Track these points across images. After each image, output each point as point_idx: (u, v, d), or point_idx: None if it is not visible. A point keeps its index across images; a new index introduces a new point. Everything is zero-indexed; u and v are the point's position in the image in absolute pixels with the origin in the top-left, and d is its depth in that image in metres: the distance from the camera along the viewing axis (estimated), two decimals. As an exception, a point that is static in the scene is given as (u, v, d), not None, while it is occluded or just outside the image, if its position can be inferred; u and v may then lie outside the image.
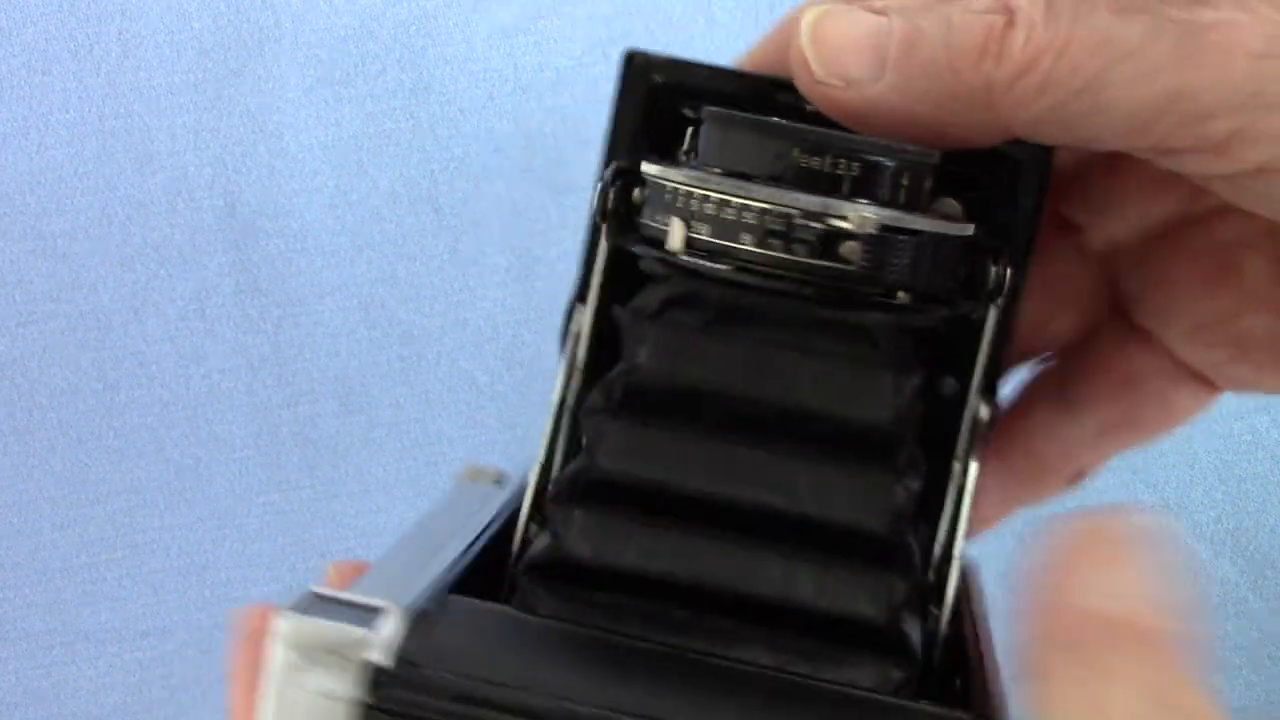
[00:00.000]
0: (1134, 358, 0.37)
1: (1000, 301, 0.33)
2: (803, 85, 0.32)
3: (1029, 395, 0.39)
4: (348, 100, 0.70)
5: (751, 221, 0.29)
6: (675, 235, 0.30)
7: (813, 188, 0.30)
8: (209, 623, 0.71)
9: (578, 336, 0.34)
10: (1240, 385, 0.37)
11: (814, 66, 0.32)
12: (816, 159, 0.30)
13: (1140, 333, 0.37)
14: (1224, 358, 0.37)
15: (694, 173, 0.30)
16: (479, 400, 0.72)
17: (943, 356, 0.33)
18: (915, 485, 0.31)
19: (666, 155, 0.33)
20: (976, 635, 0.32)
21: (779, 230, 0.29)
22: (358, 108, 0.70)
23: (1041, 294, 0.37)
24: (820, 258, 0.29)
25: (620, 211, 0.32)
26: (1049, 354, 0.39)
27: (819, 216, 0.29)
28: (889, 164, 0.30)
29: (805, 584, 0.29)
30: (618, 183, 0.32)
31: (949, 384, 0.34)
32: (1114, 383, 0.38)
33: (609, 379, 0.31)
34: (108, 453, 0.70)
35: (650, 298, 0.31)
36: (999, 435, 0.37)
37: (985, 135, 0.31)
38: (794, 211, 0.29)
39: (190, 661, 0.71)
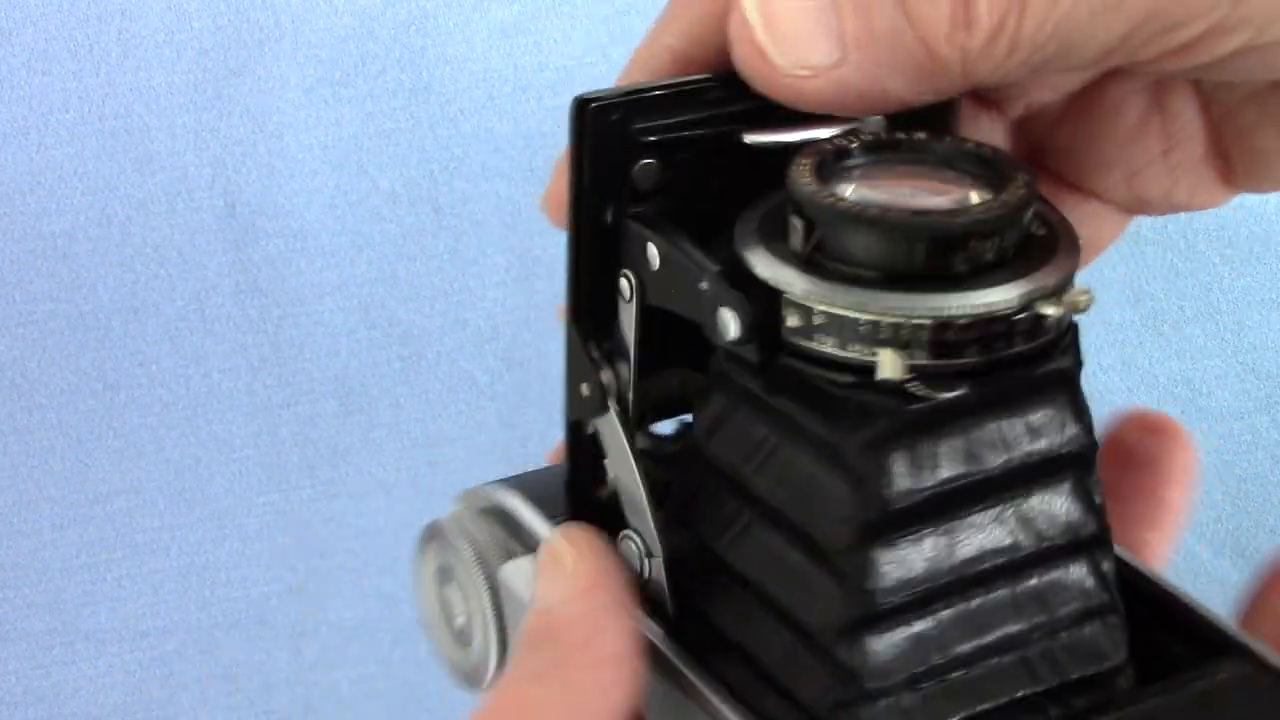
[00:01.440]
0: (1071, 210, 0.37)
1: None
2: (759, 77, 0.31)
3: None
4: (348, 100, 0.70)
5: (973, 336, 0.29)
6: (889, 367, 0.29)
7: (992, 278, 0.29)
8: (209, 623, 0.71)
9: (626, 406, 0.34)
10: (1175, 209, 0.38)
11: (776, 60, 0.30)
12: (988, 242, 0.29)
13: (1073, 187, 0.38)
14: (1159, 193, 0.37)
15: (878, 295, 0.29)
16: (479, 400, 0.72)
17: None
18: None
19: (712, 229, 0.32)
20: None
21: (1001, 333, 0.29)
22: (358, 108, 0.70)
23: None
24: (1036, 339, 0.30)
25: (764, 330, 0.30)
26: None
27: (1029, 307, 0.29)
28: (1030, 218, 0.30)
29: (1052, 602, 0.32)
30: (762, 301, 0.30)
31: None
32: None
33: (846, 514, 0.30)
34: (108, 453, 0.70)
35: (876, 429, 0.30)
36: None
37: (952, 93, 0.31)
38: (1009, 311, 0.29)
39: (190, 661, 0.71)
